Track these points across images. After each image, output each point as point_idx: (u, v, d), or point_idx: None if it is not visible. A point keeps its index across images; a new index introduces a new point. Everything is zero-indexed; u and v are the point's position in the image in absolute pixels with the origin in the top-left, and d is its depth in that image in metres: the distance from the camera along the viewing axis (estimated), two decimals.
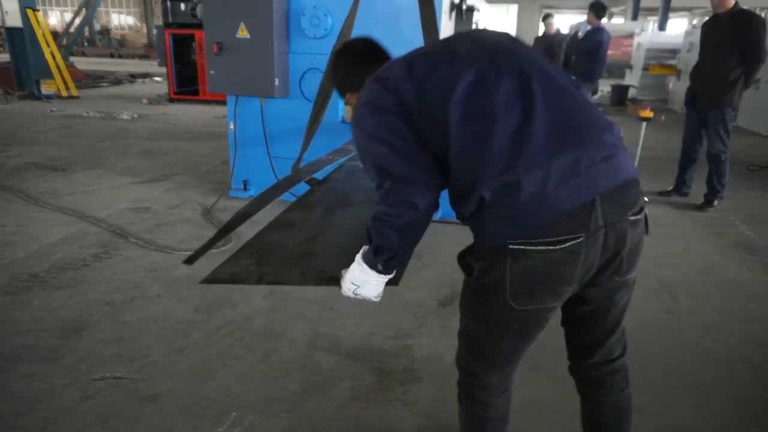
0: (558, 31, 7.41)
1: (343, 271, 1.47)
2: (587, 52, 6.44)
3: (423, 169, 1.26)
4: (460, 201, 1.25)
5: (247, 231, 3.70)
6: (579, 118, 1.24)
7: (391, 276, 1.43)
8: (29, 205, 4.05)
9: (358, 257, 1.40)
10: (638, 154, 3.90)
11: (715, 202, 4.55)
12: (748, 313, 2.84)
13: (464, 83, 1.21)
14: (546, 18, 7.51)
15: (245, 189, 4.30)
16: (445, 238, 3.64)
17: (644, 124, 3.78)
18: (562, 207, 1.14)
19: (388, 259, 1.36)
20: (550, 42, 7.30)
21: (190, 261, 1.96)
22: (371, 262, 1.37)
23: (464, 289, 1.44)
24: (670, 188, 4.96)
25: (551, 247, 1.16)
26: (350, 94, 1.59)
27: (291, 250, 1.97)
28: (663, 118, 6.48)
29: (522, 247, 1.17)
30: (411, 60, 1.32)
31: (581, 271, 1.22)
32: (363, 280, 1.43)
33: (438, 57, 1.30)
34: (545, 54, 7.28)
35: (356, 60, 1.57)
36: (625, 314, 1.46)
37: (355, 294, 1.45)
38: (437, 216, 3.92)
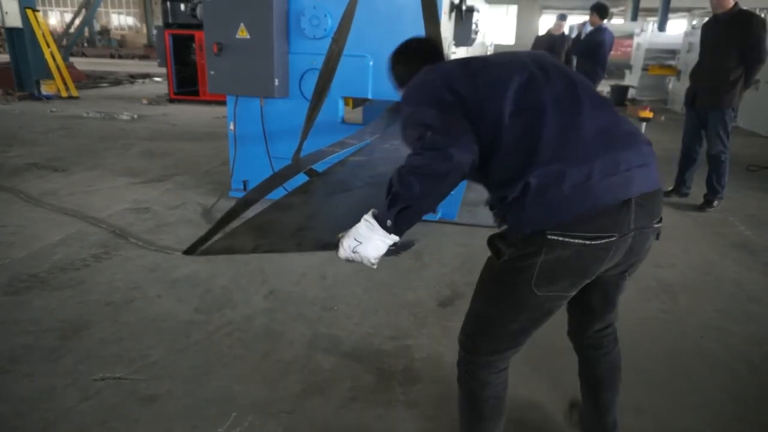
0: (563, 33, 7.38)
1: (344, 233, 1.46)
2: (590, 52, 6.45)
3: (465, 132, 1.30)
4: (505, 186, 1.30)
5: None
6: (620, 124, 1.36)
7: (396, 240, 1.41)
8: (29, 205, 4.05)
9: (367, 215, 1.40)
10: None
11: (715, 203, 4.55)
12: (748, 314, 2.84)
13: (517, 82, 1.32)
14: (560, 18, 7.46)
15: (245, 189, 4.30)
16: (445, 239, 3.65)
17: (644, 124, 3.79)
18: (602, 201, 1.23)
19: (402, 209, 1.33)
20: (552, 42, 7.27)
21: (189, 251, 1.98)
22: (383, 215, 1.36)
23: (487, 270, 1.45)
24: (669, 189, 4.97)
25: (587, 242, 1.25)
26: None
27: (288, 226, 1.97)
28: (663, 118, 6.50)
29: (559, 238, 1.24)
30: (468, 60, 1.45)
31: (605, 267, 1.32)
32: (367, 237, 1.39)
33: (492, 60, 1.44)
34: (547, 51, 7.27)
35: (415, 57, 1.69)
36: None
37: (354, 252, 1.42)
38: (437, 216, 3.93)
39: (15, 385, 2.05)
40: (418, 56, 1.68)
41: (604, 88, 12.39)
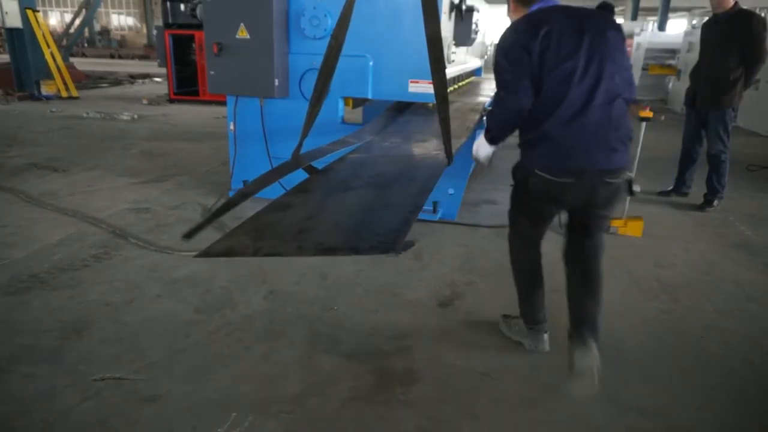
0: None
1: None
2: None
3: (524, 87, 2.00)
4: (530, 124, 2.05)
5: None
6: (614, 124, 1.99)
7: (495, 148, 2.31)
8: (29, 205, 4.05)
9: (479, 136, 2.31)
10: (638, 154, 3.91)
11: (715, 203, 4.55)
12: (748, 314, 2.84)
13: (569, 67, 1.94)
14: None
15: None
16: (446, 240, 3.65)
17: (644, 124, 3.78)
18: (573, 162, 2.00)
19: (492, 137, 2.27)
20: None
21: (188, 236, 1.99)
22: (485, 135, 2.28)
23: (513, 184, 2.29)
24: (669, 188, 4.97)
25: (553, 179, 2.03)
26: (512, 5, 2.22)
27: (288, 227, 1.97)
28: (663, 118, 6.46)
29: (541, 174, 2.05)
30: (550, 24, 1.98)
31: (569, 199, 2.09)
32: (482, 143, 2.31)
33: (559, 38, 1.96)
34: None
35: None
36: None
37: (476, 153, 2.35)
38: (437, 217, 3.93)
39: (15, 386, 2.05)
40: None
41: None
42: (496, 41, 2.24)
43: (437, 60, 2.37)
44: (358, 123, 4.40)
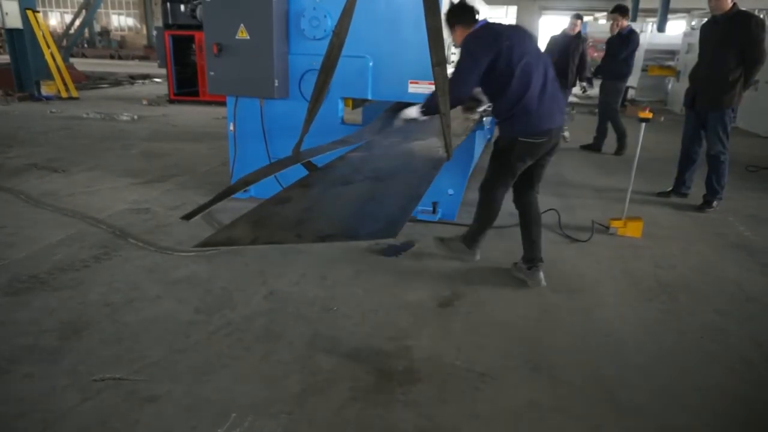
0: (579, 32, 7.25)
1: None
2: (627, 53, 6.59)
3: (472, 81, 2.74)
4: (510, 104, 2.75)
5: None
6: (558, 94, 2.89)
7: (419, 115, 2.99)
8: (29, 206, 4.05)
9: (411, 109, 3.04)
10: (637, 154, 3.91)
11: (714, 203, 4.56)
12: (748, 314, 2.84)
13: (525, 60, 2.70)
14: (575, 17, 7.37)
15: (245, 190, 4.30)
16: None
17: (643, 125, 3.78)
18: (545, 125, 2.78)
19: (425, 111, 2.96)
20: (568, 42, 7.17)
21: (188, 217, 2.00)
22: (420, 109, 2.99)
23: (496, 156, 2.96)
24: (669, 189, 4.98)
25: (534, 141, 2.79)
26: (459, 29, 2.89)
27: (288, 218, 1.97)
28: (662, 119, 6.50)
29: (524, 139, 2.78)
30: (502, 33, 2.74)
31: (540, 153, 2.87)
32: (413, 112, 3.02)
33: (516, 42, 2.74)
34: (561, 53, 7.17)
35: (465, 9, 2.89)
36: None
37: (407, 114, 3.05)
38: (437, 217, 3.93)
39: (15, 386, 2.05)
40: (468, 12, 2.89)
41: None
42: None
43: (438, 53, 2.38)
44: (357, 123, 4.40)
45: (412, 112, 3.02)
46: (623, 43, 6.62)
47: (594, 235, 3.84)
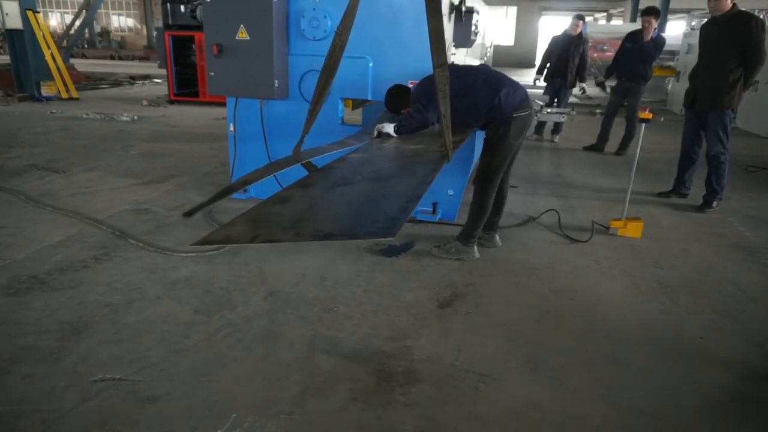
0: (580, 33, 7.24)
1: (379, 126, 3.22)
2: (651, 56, 6.45)
3: (432, 110, 3.06)
4: (488, 102, 3.08)
5: None
6: (517, 85, 3.19)
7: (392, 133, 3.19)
8: (29, 206, 4.06)
9: (387, 125, 3.21)
10: (637, 155, 3.92)
11: (714, 204, 4.56)
12: (748, 314, 2.84)
13: (482, 78, 3.15)
14: (577, 18, 7.34)
15: (245, 191, 4.31)
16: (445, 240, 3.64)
17: (643, 125, 3.78)
18: (523, 95, 3.16)
19: (399, 131, 3.20)
20: (569, 42, 7.15)
21: (189, 214, 2.00)
22: (395, 127, 3.20)
23: (491, 144, 3.21)
24: (669, 189, 4.98)
25: (524, 113, 3.13)
26: (406, 109, 3.26)
27: (287, 217, 1.97)
28: (662, 119, 6.49)
29: (516, 114, 3.09)
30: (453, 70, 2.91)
31: (527, 127, 3.22)
32: (389, 129, 3.19)
33: (462, 70, 3.29)
34: (562, 53, 7.13)
35: (403, 92, 3.34)
36: None
37: (381, 129, 3.20)
38: (436, 218, 3.93)
39: (14, 386, 2.05)
40: (404, 92, 3.33)
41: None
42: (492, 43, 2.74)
43: (439, 55, 2.39)
44: (357, 124, 4.40)
45: (389, 129, 3.18)
46: (657, 47, 6.44)
47: (594, 235, 3.84)
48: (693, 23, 11.33)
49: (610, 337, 2.56)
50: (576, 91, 7.60)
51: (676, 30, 20.15)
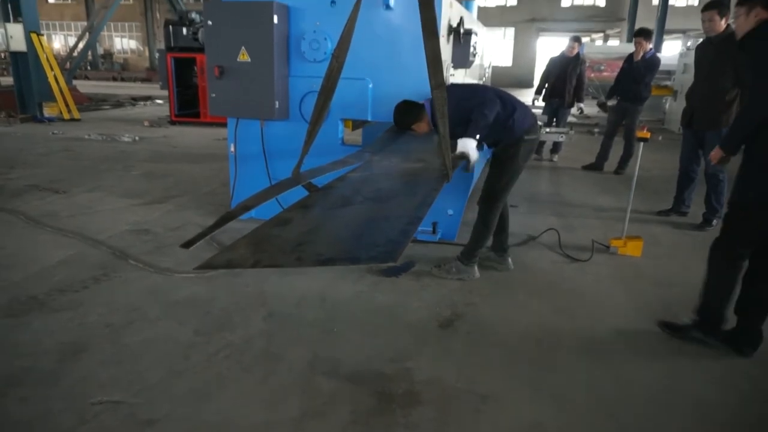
0: (577, 54, 7.35)
1: (459, 147, 2.97)
2: (642, 76, 6.50)
3: (496, 106, 3.08)
4: (504, 120, 3.10)
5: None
6: (527, 107, 3.32)
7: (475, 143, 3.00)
8: (29, 227, 4.06)
9: (465, 140, 2.95)
10: (636, 173, 3.93)
11: (714, 222, 4.56)
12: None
13: (492, 92, 3.21)
14: (573, 40, 7.44)
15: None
16: (445, 260, 3.64)
17: (641, 144, 3.81)
18: (533, 119, 3.24)
19: (478, 134, 3.01)
20: (566, 63, 7.26)
21: (188, 245, 1.99)
22: (472, 135, 2.99)
23: (500, 165, 3.25)
24: (668, 208, 4.99)
25: (534, 137, 3.22)
26: (416, 124, 3.24)
27: (288, 240, 1.97)
28: (660, 138, 6.53)
29: (527, 137, 3.16)
30: (498, 93, 3.24)
31: (534, 151, 3.36)
32: (468, 143, 2.95)
33: (484, 88, 3.45)
34: (560, 74, 7.23)
35: (413, 108, 3.24)
36: None
37: (465, 149, 2.94)
38: (437, 237, 3.93)
39: (12, 408, 2.03)
40: (413, 106, 3.25)
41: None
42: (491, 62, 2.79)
43: (437, 76, 2.42)
44: (357, 144, 4.43)
45: (471, 148, 2.94)
46: (648, 67, 6.51)
47: (594, 254, 3.83)
48: (689, 43, 11.48)
49: (612, 357, 2.55)
50: (574, 111, 7.68)
51: (672, 50, 20.40)
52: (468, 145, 2.93)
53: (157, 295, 2.99)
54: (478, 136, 2.98)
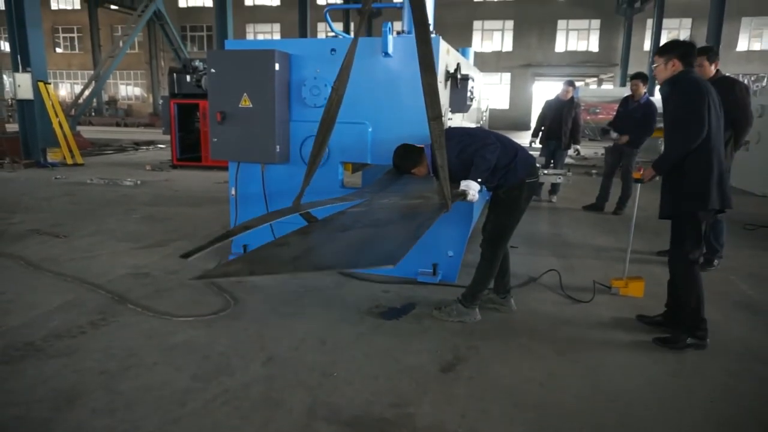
0: (572, 98, 7.53)
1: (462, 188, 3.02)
2: (645, 121, 6.54)
3: (497, 150, 3.13)
4: (509, 159, 3.16)
5: (247, 297, 3.67)
6: (526, 150, 3.33)
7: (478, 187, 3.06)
8: (29, 271, 4.05)
9: (469, 182, 3.02)
10: (635, 214, 3.95)
11: (715, 262, 4.55)
12: (758, 375, 2.77)
13: (493, 137, 3.25)
14: (567, 84, 7.64)
15: (244, 248, 4.31)
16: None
17: (639, 185, 3.84)
18: (533, 161, 3.32)
19: (480, 178, 3.06)
20: (561, 106, 7.44)
21: (187, 255, 2.00)
22: (475, 178, 3.05)
23: (498, 206, 3.31)
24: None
25: (536, 180, 3.28)
26: (416, 168, 3.30)
27: (285, 257, 1.98)
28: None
29: (527, 180, 3.18)
30: (498, 137, 3.29)
31: (535, 192, 3.55)
32: (471, 184, 3.02)
33: (485, 132, 3.42)
34: (555, 116, 7.39)
35: (412, 152, 3.31)
36: None
37: (468, 188, 3.00)
38: (437, 279, 3.92)
39: None
40: (413, 151, 3.32)
41: (598, 150, 12.62)
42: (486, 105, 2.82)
43: (434, 108, 2.47)
44: (357, 186, 4.47)
45: (473, 187, 3.01)
46: (646, 114, 6.57)
47: (596, 295, 3.81)
48: None
49: (617, 400, 2.49)
50: (571, 152, 7.81)
51: None
52: (470, 185, 3.02)
53: (155, 340, 2.96)
54: (480, 180, 3.04)
